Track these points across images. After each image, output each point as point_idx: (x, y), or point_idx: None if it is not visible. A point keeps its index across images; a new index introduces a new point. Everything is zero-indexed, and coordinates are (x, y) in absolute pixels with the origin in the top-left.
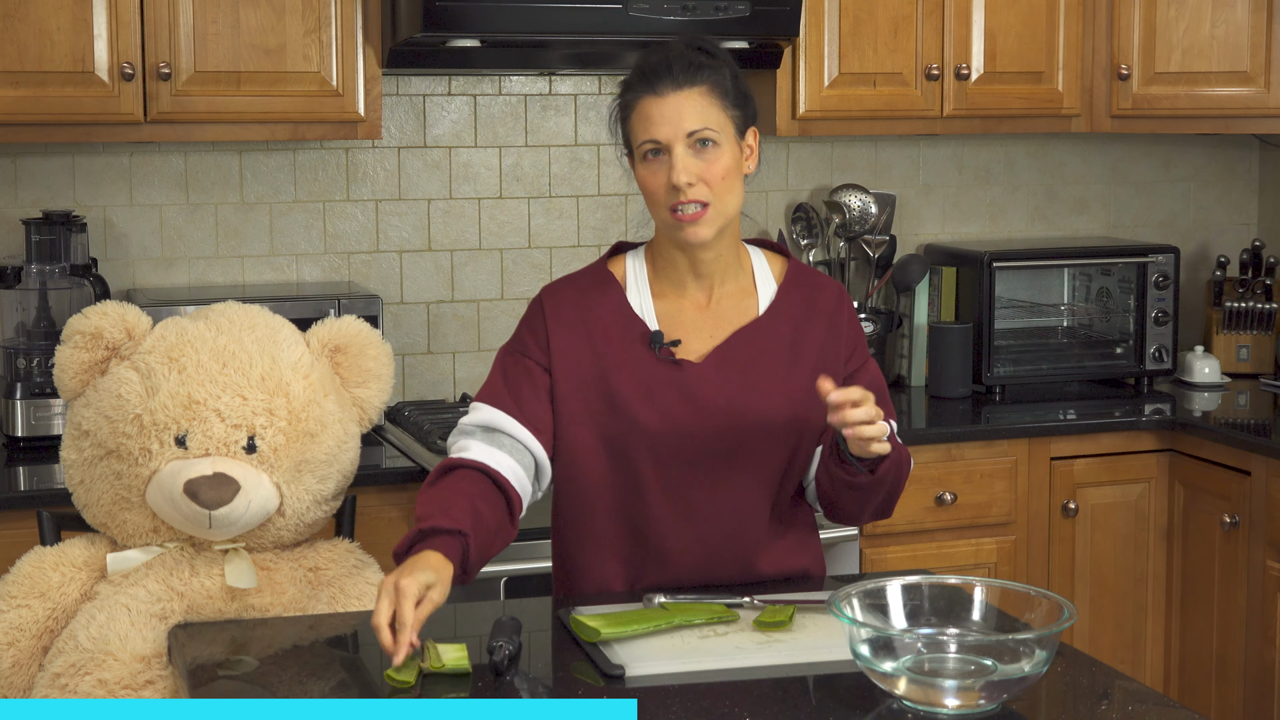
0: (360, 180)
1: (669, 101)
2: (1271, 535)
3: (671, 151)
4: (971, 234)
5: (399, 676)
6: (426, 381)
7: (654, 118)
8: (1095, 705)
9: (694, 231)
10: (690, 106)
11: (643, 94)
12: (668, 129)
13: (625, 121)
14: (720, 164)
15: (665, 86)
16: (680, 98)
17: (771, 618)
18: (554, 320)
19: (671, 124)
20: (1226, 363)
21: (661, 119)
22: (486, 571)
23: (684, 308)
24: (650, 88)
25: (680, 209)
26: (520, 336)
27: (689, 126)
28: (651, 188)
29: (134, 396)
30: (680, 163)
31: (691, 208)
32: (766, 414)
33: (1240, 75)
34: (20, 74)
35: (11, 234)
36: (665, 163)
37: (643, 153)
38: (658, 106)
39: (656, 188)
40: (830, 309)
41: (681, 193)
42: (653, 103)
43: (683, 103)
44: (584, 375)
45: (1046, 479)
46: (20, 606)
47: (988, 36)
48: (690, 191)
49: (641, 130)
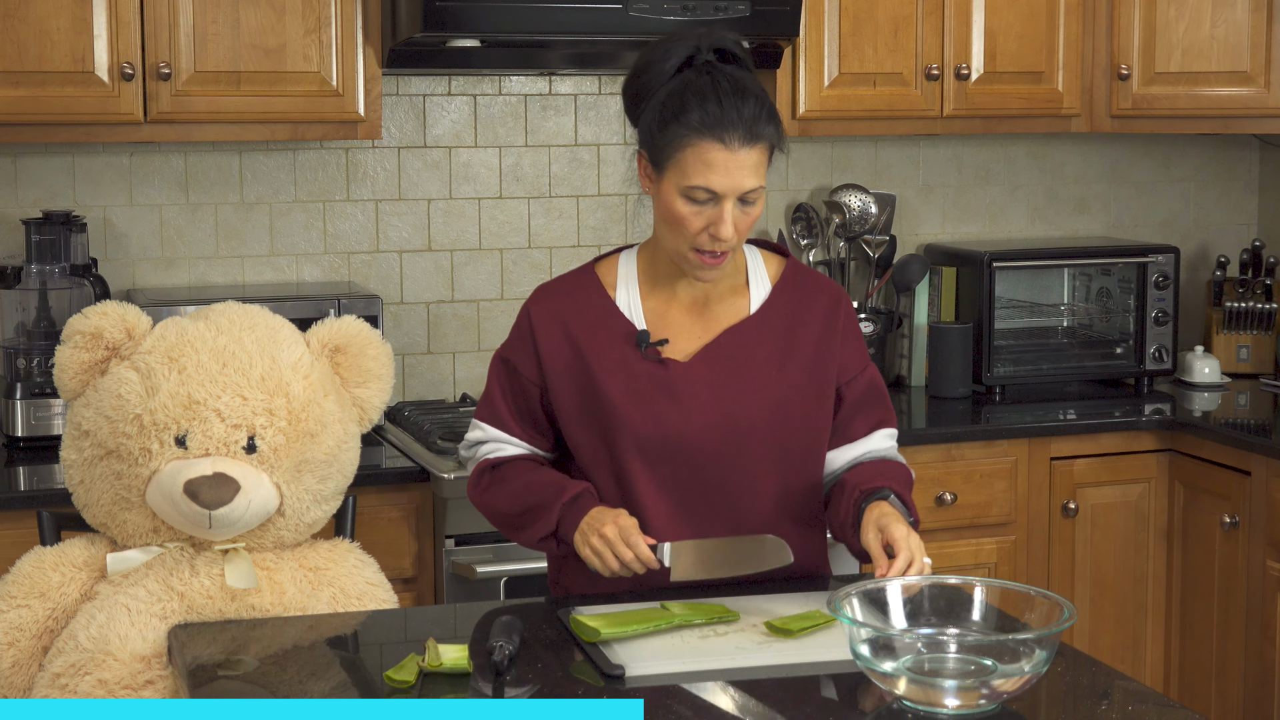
0: (360, 180)
1: (736, 157)
2: (1271, 535)
3: (722, 204)
4: (971, 234)
5: (399, 676)
6: (426, 381)
7: (716, 168)
8: (1095, 705)
9: (710, 274)
10: (751, 165)
11: (708, 138)
12: (728, 184)
13: (673, 149)
14: (753, 215)
15: (735, 139)
16: (745, 155)
17: (784, 624)
18: (541, 330)
19: (733, 180)
20: (1226, 363)
21: (725, 172)
22: (486, 571)
23: (673, 307)
24: (719, 135)
25: (709, 253)
26: (512, 344)
27: (747, 186)
28: (687, 225)
29: (134, 396)
30: (729, 218)
31: (718, 253)
32: (754, 413)
33: (1240, 75)
34: (20, 74)
35: (11, 234)
36: (710, 207)
37: (690, 193)
38: (724, 158)
39: (693, 228)
40: (826, 311)
41: (720, 244)
42: (718, 152)
43: (746, 161)
44: (574, 377)
45: (1046, 479)
46: (20, 606)
47: (988, 36)
48: (725, 244)
49: (698, 174)
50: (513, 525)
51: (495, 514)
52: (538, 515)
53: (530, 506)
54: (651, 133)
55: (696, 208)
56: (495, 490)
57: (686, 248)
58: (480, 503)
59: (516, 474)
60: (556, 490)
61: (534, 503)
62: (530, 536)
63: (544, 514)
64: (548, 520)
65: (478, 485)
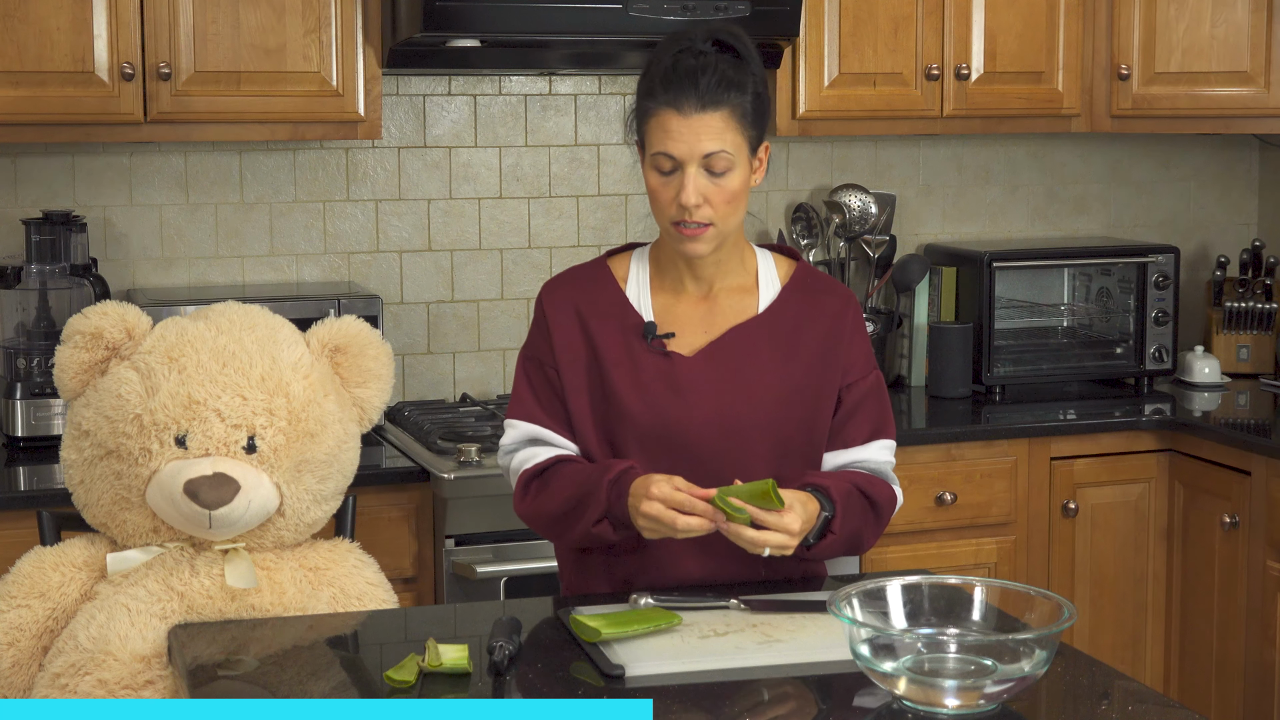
0: (360, 180)
1: (690, 122)
2: (1271, 535)
3: (684, 170)
4: (971, 234)
5: (399, 676)
6: (426, 381)
7: (672, 133)
8: (1095, 705)
9: (693, 247)
10: (710, 129)
11: (664, 106)
12: (684, 148)
13: (642, 124)
14: (729, 187)
15: (689, 105)
16: (702, 120)
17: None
18: (554, 317)
19: (688, 143)
20: (1226, 363)
21: (680, 137)
22: (486, 571)
23: (682, 303)
24: (674, 102)
25: (685, 225)
26: (533, 341)
27: (706, 149)
28: (659, 198)
29: (134, 396)
30: (691, 184)
31: (694, 225)
32: (753, 411)
33: (1240, 75)
34: (20, 74)
35: (11, 234)
36: (676, 178)
37: (655, 162)
38: (678, 123)
39: (664, 200)
40: (834, 314)
41: (688, 212)
42: (673, 118)
43: (703, 125)
44: (583, 367)
45: (1046, 479)
46: (20, 606)
47: (988, 36)
48: (696, 213)
49: (658, 141)
50: (564, 522)
51: (544, 518)
52: (587, 502)
53: (578, 496)
54: (633, 119)
55: (665, 178)
56: (542, 495)
57: (667, 223)
58: (529, 512)
59: (559, 474)
60: (600, 471)
61: (581, 492)
62: (584, 527)
63: (592, 498)
64: (597, 503)
65: (524, 497)
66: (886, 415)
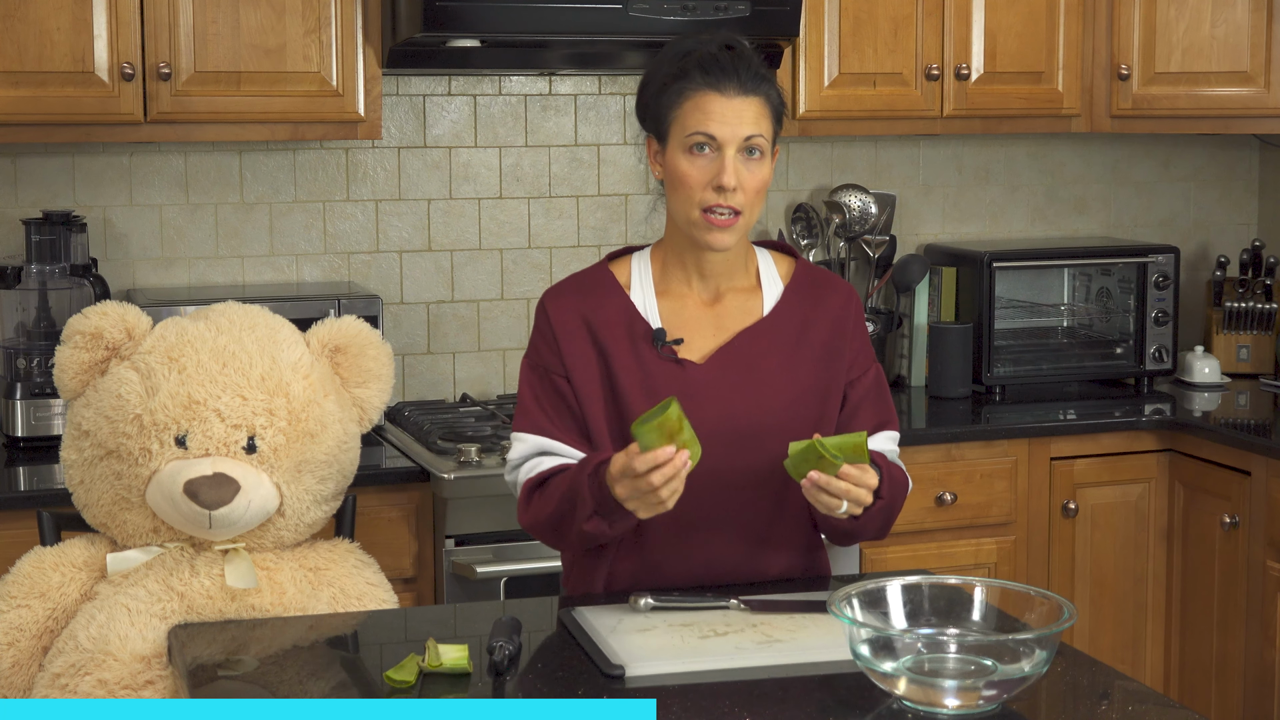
0: (360, 180)
1: (733, 103)
2: (1271, 535)
3: (724, 152)
4: (971, 234)
5: (399, 676)
6: (426, 381)
7: (715, 114)
8: (1095, 705)
9: (720, 237)
10: (751, 114)
11: (705, 88)
12: (727, 129)
13: (672, 107)
14: (760, 176)
15: (731, 88)
16: (742, 104)
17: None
18: (560, 325)
19: (731, 125)
20: (1226, 363)
21: (723, 118)
22: (486, 571)
23: (688, 307)
24: (715, 84)
25: (716, 211)
26: (538, 349)
27: (746, 131)
28: (690, 180)
29: (134, 396)
30: (731, 166)
31: (726, 213)
32: (765, 415)
33: (1240, 75)
34: (20, 74)
35: (11, 234)
36: (712, 160)
37: (691, 143)
38: (720, 105)
39: (696, 182)
40: (837, 310)
41: (725, 194)
42: (715, 99)
43: (745, 108)
44: (596, 376)
45: (1046, 479)
46: (20, 607)
47: (988, 36)
48: (731, 197)
49: (696, 121)
50: (560, 525)
51: (543, 525)
52: (575, 502)
53: (568, 498)
54: (654, 105)
55: (700, 161)
56: (538, 503)
57: (695, 210)
58: (530, 522)
59: (554, 480)
60: (580, 468)
61: (570, 493)
62: (578, 527)
63: (579, 497)
64: (584, 501)
65: (526, 508)
66: (889, 407)
